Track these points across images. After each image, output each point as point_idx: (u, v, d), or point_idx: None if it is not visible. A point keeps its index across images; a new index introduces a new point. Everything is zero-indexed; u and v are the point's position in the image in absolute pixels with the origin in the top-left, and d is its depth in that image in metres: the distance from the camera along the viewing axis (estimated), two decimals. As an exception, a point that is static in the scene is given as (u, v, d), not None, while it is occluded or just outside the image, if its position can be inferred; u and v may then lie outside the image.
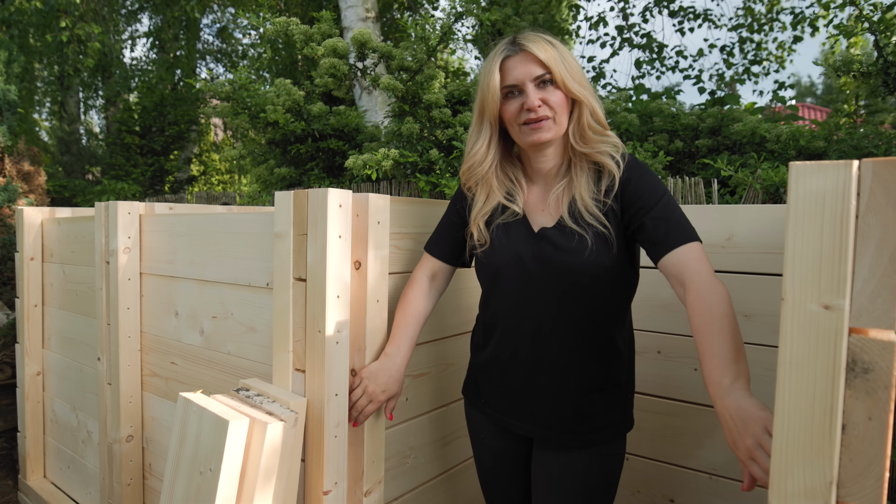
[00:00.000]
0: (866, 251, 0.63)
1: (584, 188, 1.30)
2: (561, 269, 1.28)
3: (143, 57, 11.08)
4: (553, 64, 1.26)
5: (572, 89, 1.27)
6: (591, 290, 1.28)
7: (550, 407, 1.34)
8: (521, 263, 1.32)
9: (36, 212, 2.74)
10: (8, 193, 4.26)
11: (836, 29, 6.11)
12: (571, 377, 1.32)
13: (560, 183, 1.35)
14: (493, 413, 1.45)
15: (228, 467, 1.30)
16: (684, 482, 1.87)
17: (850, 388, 0.64)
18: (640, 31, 7.79)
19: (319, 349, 1.40)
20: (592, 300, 1.29)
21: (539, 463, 1.40)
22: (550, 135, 1.28)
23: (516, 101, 1.29)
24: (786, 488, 0.68)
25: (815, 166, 0.65)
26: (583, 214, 1.28)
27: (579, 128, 1.31)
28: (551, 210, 1.34)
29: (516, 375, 1.37)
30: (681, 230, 1.20)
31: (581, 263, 1.26)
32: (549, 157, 1.35)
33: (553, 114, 1.27)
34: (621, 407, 1.38)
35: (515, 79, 1.28)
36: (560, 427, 1.35)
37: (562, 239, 1.29)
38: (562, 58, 1.28)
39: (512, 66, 1.29)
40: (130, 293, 2.08)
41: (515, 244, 1.34)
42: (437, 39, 4.44)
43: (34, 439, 2.82)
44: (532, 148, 1.33)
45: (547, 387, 1.34)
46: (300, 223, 1.44)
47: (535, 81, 1.27)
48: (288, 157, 4.70)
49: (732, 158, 3.39)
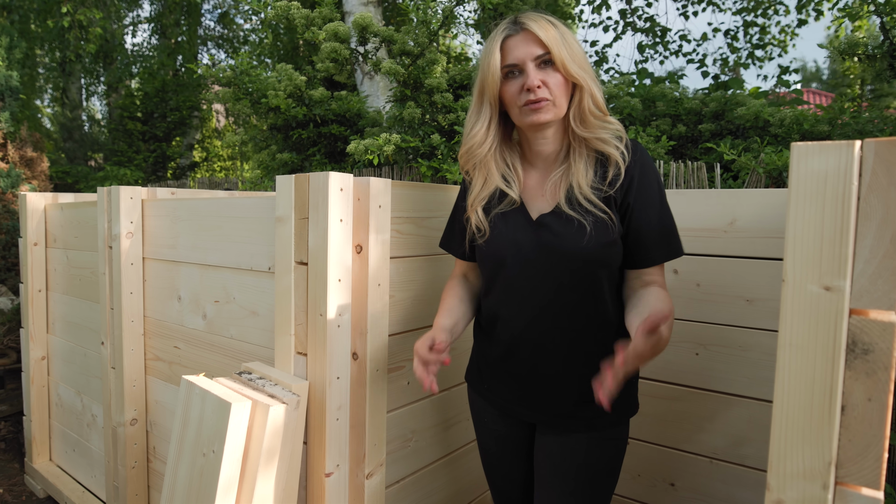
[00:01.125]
0: (868, 232, 0.63)
1: (583, 176, 1.29)
2: (561, 256, 1.28)
3: (144, 43, 11.01)
4: (553, 45, 1.24)
5: (572, 71, 1.25)
6: (592, 276, 1.28)
7: (553, 393, 1.35)
8: (521, 252, 1.31)
9: (39, 197, 2.74)
10: (11, 179, 4.27)
11: (841, 12, 6.04)
12: (573, 363, 1.32)
13: (559, 169, 1.34)
14: (496, 399, 1.45)
15: (231, 449, 1.31)
16: (685, 466, 1.88)
17: (849, 369, 0.64)
18: (644, 15, 7.72)
19: (321, 332, 1.40)
20: (592, 285, 1.29)
21: (541, 447, 1.41)
22: (549, 116, 1.27)
23: (517, 82, 1.28)
24: (785, 469, 0.68)
25: (817, 147, 0.64)
26: (580, 202, 1.27)
27: (580, 111, 1.30)
28: (548, 196, 1.33)
29: (519, 362, 1.37)
30: (669, 245, 1.29)
31: (580, 249, 1.26)
32: (548, 140, 1.34)
33: (552, 96, 1.26)
34: (625, 391, 1.37)
35: (516, 58, 1.27)
36: (563, 412, 1.35)
37: (560, 225, 1.28)
38: (563, 39, 1.26)
39: (513, 46, 1.27)
40: (133, 278, 2.08)
41: (514, 233, 1.33)
42: (439, 23, 4.41)
43: (40, 423, 2.84)
44: (531, 129, 1.32)
45: (549, 373, 1.34)
46: (301, 207, 1.44)
47: (535, 61, 1.26)
48: (290, 143, 4.69)
49: (735, 143, 3.37)
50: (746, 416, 1.75)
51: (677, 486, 1.90)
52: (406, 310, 1.66)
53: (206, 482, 1.33)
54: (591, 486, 1.36)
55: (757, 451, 1.74)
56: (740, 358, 1.76)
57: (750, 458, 1.75)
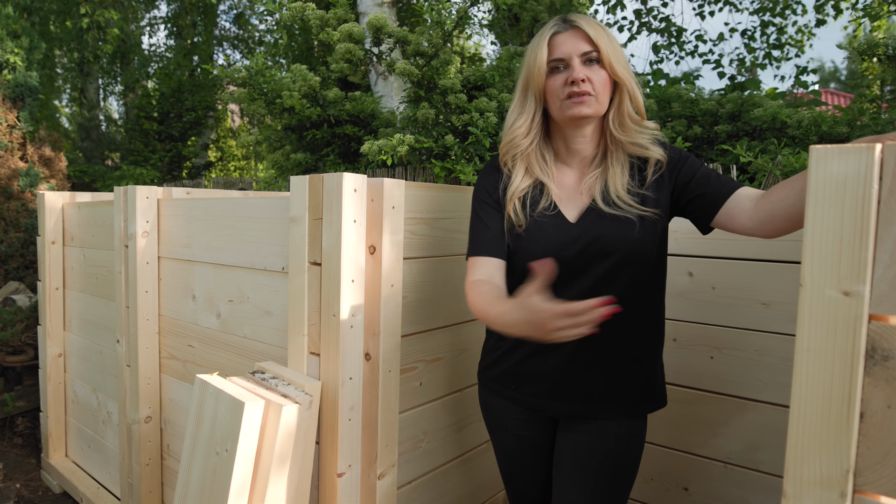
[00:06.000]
0: (888, 237, 0.62)
1: (619, 178, 1.32)
2: (597, 252, 1.30)
3: (160, 43, 11.12)
4: (601, 43, 1.28)
5: (617, 70, 1.29)
6: (630, 270, 1.31)
7: (589, 380, 1.36)
8: (561, 252, 1.32)
9: (57, 196, 2.77)
10: (30, 178, 4.32)
11: (860, 11, 5.96)
12: (611, 349, 1.34)
13: (595, 171, 1.36)
14: (523, 397, 1.44)
15: (244, 448, 1.32)
16: (699, 470, 1.86)
17: (868, 375, 0.63)
18: (659, 15, 7.67)
19: (334, 333, 1.41)
20: (630, 278, 1.31)
21: (565, 443, 1.41)
22: (591, 110, 1.29)
23: (561, 76, 1.30)
24: (802, 476, 0.68)
25: (837, 150, 0.63)
26: (616, 202, 1.30)
27: (619, 114, 1.33)
28: (584, 196, 1.35)
29: (557, 355, 1.37)
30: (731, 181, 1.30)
31: (618, 246, 1.29)
32: (587, 138, 1.36)
33: (595, 91, 1.29)
34: (656, 383, 1.41)
35: (563, 53, 1.29)
36: (597, 398, 1.36)
37: (597, 223, 1.31)
38: (609, 40, 1.30)
39: (561, 42, 1.30)
40: (149, 277, 2.10)
41: (552, 235, 1.33)
42: (453, 24, 4.41)
43: (56, 419, 2.88)
44: (571, 124, 1.33)
45: (587, 360, 1.35)
46: (315, 208, 1.45)
47: (581, 57, 1.28)
48: (304, 143, 4.71)
49: (752, 144, 3.34)
50: (762, 420, 1.73)
51: (691, 491, 1.89)
52: (419, 311, 1.66)
53: (219, 481, 1.34)
54: (612, 481, 1.37)
55: (772, 457, 1.72)
56: (756, 362, 1.74)
57: (765, 463, 1.73)
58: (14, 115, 4.44)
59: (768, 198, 1.18)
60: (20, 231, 4.28)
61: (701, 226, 1.35)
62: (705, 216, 1.31)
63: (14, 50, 4.58)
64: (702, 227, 1.35)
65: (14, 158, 4.38)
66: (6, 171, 4.27)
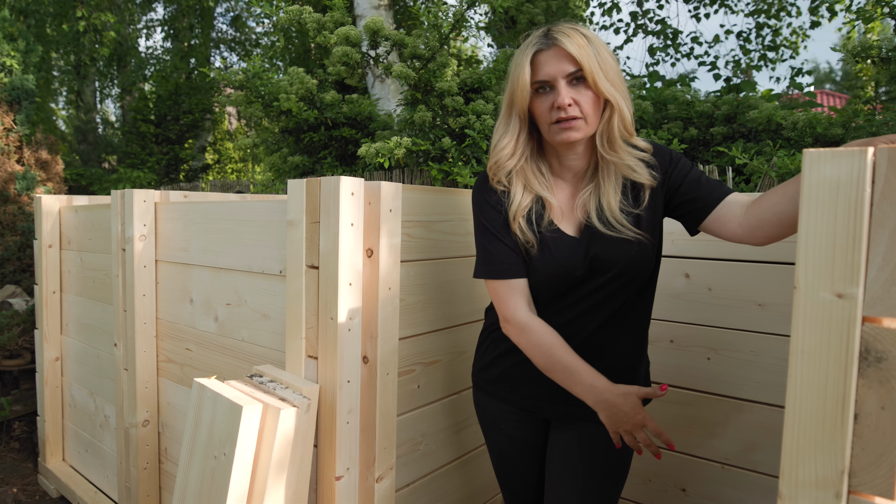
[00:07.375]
0: (881, 239, 0.62)
1: (612, 196, 1.30)
2: (600, 267, 1.30)
3: (157, 46, 11.11)
4: (585, 61, 1.20)
5: (603, 89, 1.22)
6: (628, 285, 1.32)
7: None
8: (568, 269, 1.32)
9: (54, 200, 2.77)
10: (26, 181, 4.32)
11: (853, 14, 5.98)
12: (609, 357, 1.37)
13: (588, 186, 1.34)
14: (518, 399, 1.45)
15: (242, 452, 1.32)
16: (696, 471, 1.87)
17: (862, 377, 0.64)
18: (655, 17, 7.70)
19: (332, 336, 1.41)
20: (628, 292, 1.34)
21: (558, 443, 1.43)
22: (580, 135, 1.25)
23: (547, 98, 1.25)
24: (797, 477, 0.68)
25: (829, 153, 0.64)
26: (611, 222, 1.29)
27: (608, 130, 1.27)
28: (579, 213, 1.34)
29: None
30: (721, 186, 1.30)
31: (616, 262, 1.29)
32: (579, 155, 1.34)
33: (583, 114, 1.24)
34: (641, 380, 1.45)
35: (547, 74, 1.24)
36: None
37: (598, 240, 1.30)
38: (596, 54, 1.22)
39: (544, 61, 1.24)
40: (146, 280, 2.10)
41: (561, 251, 1.32)
42: (450, 27, 4.42)
43: (53, 423, 2.87)
44: (562, 147, 1.31)
45: None
46: (313, 211, 1.45)
47: (566, 78, 1.22)
48: (301, 146, 4.71)
49: (748, 146, 3.35)
50: (758, 421, 1.74)
51: (688, 492, 1.89)
52: (416, 313, 1.66)
53: (217, 484, 1.34)
54: (603, 480, 1.38)
55: (769, 457, 1.72)
56: (752, 363, 1.74)
57: (762, 463, 1.74)
58: (10, 119, 4.43)
59: (759, 203, 1.18)
60: (17, 234, 4.28)
61: (689, 228, 1.36)
62: (694, 220, 1.30)
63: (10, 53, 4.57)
64: (689, 229, 1.36)
65: (10, 162, 4.38)
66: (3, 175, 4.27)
